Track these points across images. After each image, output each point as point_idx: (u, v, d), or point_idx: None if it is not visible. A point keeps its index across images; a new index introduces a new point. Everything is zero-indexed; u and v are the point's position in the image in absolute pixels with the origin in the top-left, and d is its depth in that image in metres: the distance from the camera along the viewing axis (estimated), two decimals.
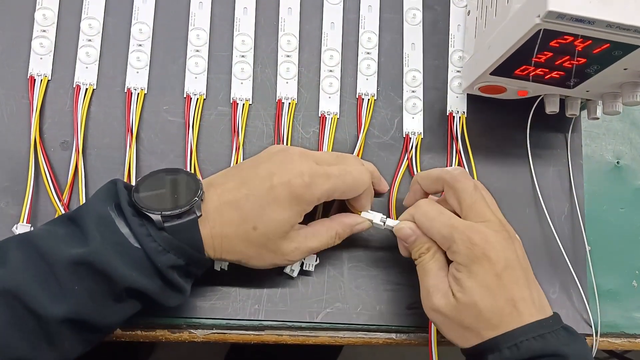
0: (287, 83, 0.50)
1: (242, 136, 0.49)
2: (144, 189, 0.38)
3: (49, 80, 0.48)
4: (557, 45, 0.39)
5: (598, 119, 0.49)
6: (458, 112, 0.51)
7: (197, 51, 0.49)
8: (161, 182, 0.39)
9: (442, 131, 0.51)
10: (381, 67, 0.52)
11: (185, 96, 0.49)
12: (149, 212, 0.37)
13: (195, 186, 0.39)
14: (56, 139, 0.47)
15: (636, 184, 0.54)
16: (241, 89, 0.50)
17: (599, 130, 0.54)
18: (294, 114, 0.50)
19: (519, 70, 0.43)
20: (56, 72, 0.48)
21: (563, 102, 0.49)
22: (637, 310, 0.51)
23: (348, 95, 0.51)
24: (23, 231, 0.44)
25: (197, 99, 0.49)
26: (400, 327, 0.47)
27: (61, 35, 0.48)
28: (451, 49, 0.53)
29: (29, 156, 0.45)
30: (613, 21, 0.36)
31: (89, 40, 0.49)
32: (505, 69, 0.44)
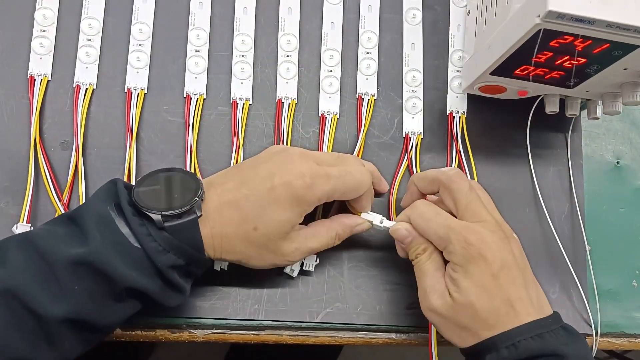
0: (287, 83, 0.50)
1: (242, 136, 0.49)
2: (144, 188, 0.38)
3: (49, 80, 0.48)
4: (557, 45, 0.39)
5: (598, 119, 0.49)
6: (458, 112, 0.51)
7: (197, 51, 0.49)
8: (161, 181, 0.39)
9: (442, 131, 0.51)
10: (381, 67, 0.52)
11: (185, 96, 0.49)
12: (149, 211, 0.37)
13: (196, 186, 0.39)
14: (56, 138, 0.47)
15: (636, 184, 0.54)
16: (241, 88, 0.50)
17: (599, 130, 0.54)
18: (294, 113, 0.50)
19: (519, 70, 0.43)
20: (56, 72, 0.48)
21: (563, 102, 0.49)
22: (637, 310, 0.51)
23: (348, 95, 0.51)
24: (23, 231, 0.44)
25: (197, 98, 0.49)
26: (400, 327, 0.47)
27: (61, 35, 0.48)
28: (451, 49, 0.53)
29: (29, 156, 0.45)
30: (613, 21, 0.36)
31: (89, 40, 0.49)
32: (505, 68, 0.43)
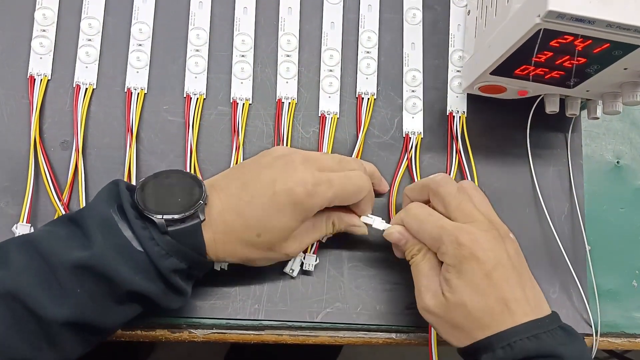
0: (287, 83, 0.50)
1: (242, 136, 0.48)
2: (146, 191, 0.38)
3: (48, 80, 0.48)
4: (557, 45, 0.39)
5: (598, 118, 0.49)
6: (458, 111, 0.51)
7: (197, 51, 0.49)
8: (164, 184, 0.39)
9: (442, 131, 0.51)
10: (381, 66, 0.52)
11: (185, 96, 0.49)
12: (152, 215, 0.37)
13: (199, 189, 0.39)
14: (56, 138, 0.47)
15: (636, 184, 0.54)
16: (241, 88, 0.49)
17: (599, 130, 0.54)
18: (294, 113, 0.50)
19: (519, 70, 0.43)
20: (56, 72, 0.48)
21: (563, 102, 0.49)
22: (637, 310, 0.51)
23: (348, 95, 0.51)
24: (23, 231, 0.44)
25: (197, 98, 0.49)
26: (400, 327, 0.47)
27: (61, 34, 0.48)
28: (451, 49, 0.53)
29: (28, 156, 0.45)
30: (613, 21, 0.36)
31: (89, 40, 0.49)
32: (506, 68, 0.43)
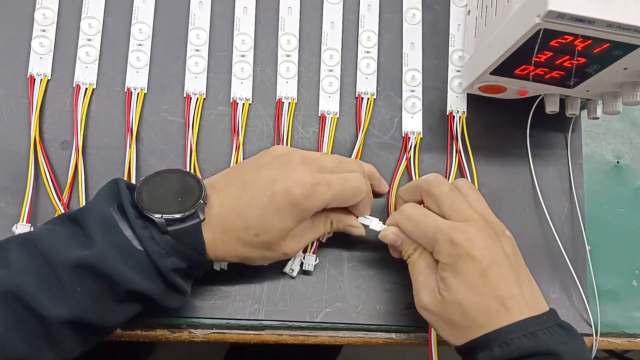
0: (287, 83, 0.50)
1: (242, 136, 0.48)
2: (147, 190, 0.38)
3: (48, 80, 0.48)
4: (557, 45, 0.39)
5: (598, 118, 0.49)
6: (458, 111, 0.51)
7: (197, 51, 0.49)
8: (164, 183, 0.39)
9: (442, 131, 0.51)
10: (381, 66, 0.52)
11: (185, 96, 0.49)
12: (152, 215, 0.37)
13: (199, 189, 0.39)
14: (56, 138, 0.47)
15: (636, 184, 0.54)
16: (241, 88, 0.49)
17: (599, 130, 0.54)
18: (294, 113, 0.50)
19: (519, 69, 0.43)
20: (56, 72, 0.48)
21: (563, 102, 0.49)
22: (637, 310, 0.51)
23: (348, 95, 0.51)
24: (23, 231, 0.44)
25: (197, 98, 0.49)
26: (400, 326, 0.47)
27: (61, 34, 0.48)
28: (451, 49, 0.53)
29: (28, 156, 0.45)
30: (613, 21, 0.36)
31: (89, 40, 0.49)
32: (506, 68, 0.43)
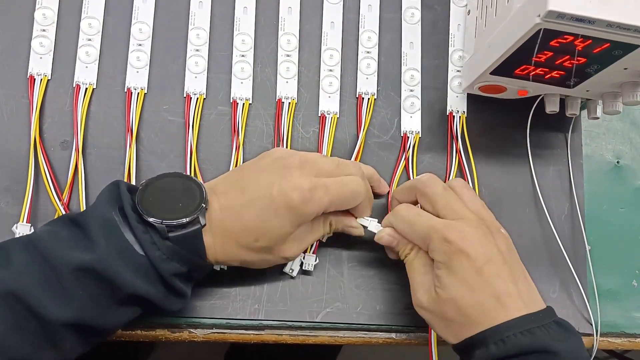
0: (287, 82, 0.50)
1: (242, 136, 0.48)
2: (147, 195, 0.38)
3: (48, 80, 0.48)
4: (557, 45, 0.39)
5: (598, 118, 0.49)
6: (458, 111, 0.51)
7: (197, 51, 0.49)
8: (165, 188, 0.39)
9: (442, 131, 0.51)
10: (381, 66, 0.52)
11: (185, 96, 0.49)
12: (154, 221, 0.37)
13: (200, 194, 0.39)
14: (56, 138, 0.47)
15: (636, 184, 0.54)
16: (241, 88, 0.49)
17: (599, 130, 0.54)
18: (294, 113, 0.50)
19: (519, 69, 0.43)
20: (56, 72, 0.48)
21: (563, 102, 0.49)
22: (637, 310, 0.51)
23: (348, 95, 0.51)
24: (23, 231, 0.44)
25: (197, 98, 0.49)
26: (400, 326, 0.47)
27: (61, 34, 0.48)
28: (451, 49, 0.53)
29: (28, 156, 0.45)
30: (613, 21, 0.36)
31: (89, 40, 0.49)
32: (506, 68, 0.43)
